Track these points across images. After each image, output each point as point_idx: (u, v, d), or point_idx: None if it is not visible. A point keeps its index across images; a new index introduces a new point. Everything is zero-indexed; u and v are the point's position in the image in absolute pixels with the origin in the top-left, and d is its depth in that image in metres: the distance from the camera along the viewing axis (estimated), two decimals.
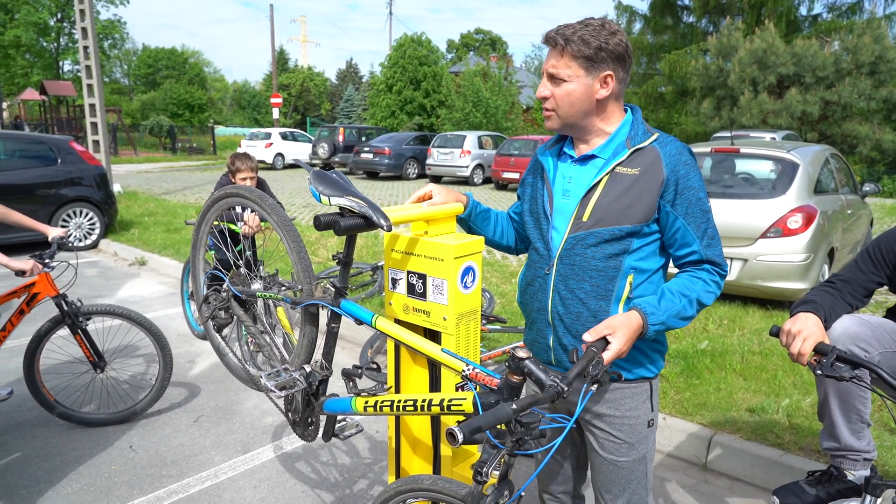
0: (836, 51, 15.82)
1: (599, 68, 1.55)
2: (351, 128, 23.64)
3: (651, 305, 1.53)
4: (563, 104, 1.59)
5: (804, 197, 5.31)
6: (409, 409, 1.61)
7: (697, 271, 1.62)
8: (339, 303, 1.82)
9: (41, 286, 3.25)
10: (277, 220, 1.84)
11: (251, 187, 2.00)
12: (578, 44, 1.53)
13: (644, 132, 1.62)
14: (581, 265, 1.63)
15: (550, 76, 1.59)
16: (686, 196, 1.57)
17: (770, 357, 4.24)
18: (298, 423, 2.09)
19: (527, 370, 1.34)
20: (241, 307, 2.24)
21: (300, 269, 1.85)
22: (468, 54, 52.11)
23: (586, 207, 1.60)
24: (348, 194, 1.66)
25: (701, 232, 1.59)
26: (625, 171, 1.58)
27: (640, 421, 1.71)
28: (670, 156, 1.57)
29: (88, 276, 7.05)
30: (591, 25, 1.55)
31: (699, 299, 1.58)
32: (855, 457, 2.03)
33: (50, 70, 38.69)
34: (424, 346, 1.61)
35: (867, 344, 1.83)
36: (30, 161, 8.07)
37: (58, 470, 3.07)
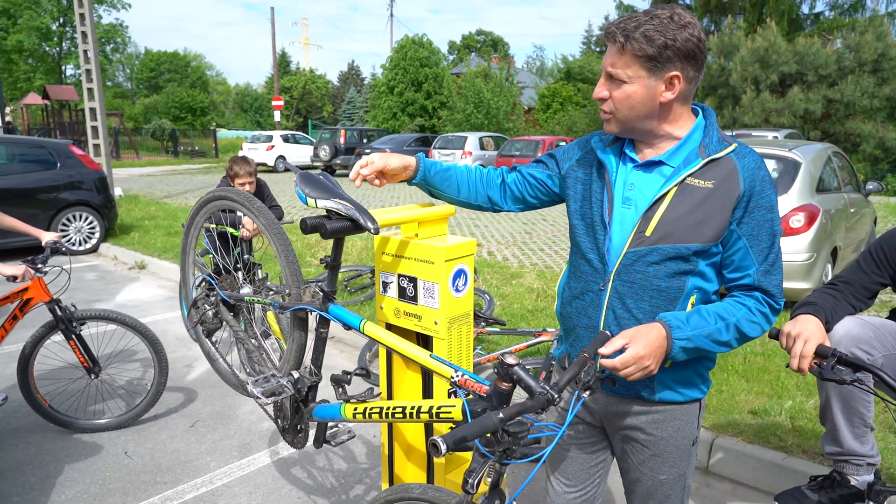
0: (838, 49, 15.77)
1: (665, 68, 1.37)
2: (352, 130, 23.65)
3: (677, 319, 1.38)
4: (622, 107, 1.42)
5: (806, 196, 5.26)
6: (398, 417, 1.57)
7: (744, 297, 1.44)
8: (327, 307, 1.78)
9: (34, 291, 3.22)
10: (265, 224, 1.82)
11: (239, 190, 1.98)
12: (641, 41, 1.35)
13: (719, 140, 1.45)
14: (641, 283, 1.46)
15: (609, 75, 1.43)
16: (755, 215, 1.41)
17: (773, 358, 4.20)
18: (288, 430, 2.06)
19: (516, 377, 1.29)
20: (231, 312, 2.20)
21: (288, 273, 1.82)
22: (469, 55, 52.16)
23: (651, 221, 1.43)
24: (335, 196, 1.62)
25: (762, 257, 1.42)
26: (697, 184, 1.41)
27: (686, 441, 1.59)
28: (749, 169, 1.41)
29: (87, 280, 7.03)
30: (658, 18, 1.36)
31: (738, 326, 1.41)
32: (858, 461, 1.98)
33: (52, 74, 38.84)
34: (413, 352, 1.57)
35: (870, 346, 1.79)
36: (29, 165, 8.07)
37: (52, 476, 3.04)
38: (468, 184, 1.72)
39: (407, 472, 1.98)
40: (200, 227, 2.19)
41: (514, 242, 9.07)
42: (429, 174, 1.70)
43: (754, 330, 1.42)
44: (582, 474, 1.73)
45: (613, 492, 2.94)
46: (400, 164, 1.65)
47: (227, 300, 2.18)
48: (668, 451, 1.58)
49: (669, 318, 1.38)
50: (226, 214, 4.33)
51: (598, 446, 1.70)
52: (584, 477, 1.73)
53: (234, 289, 2.28)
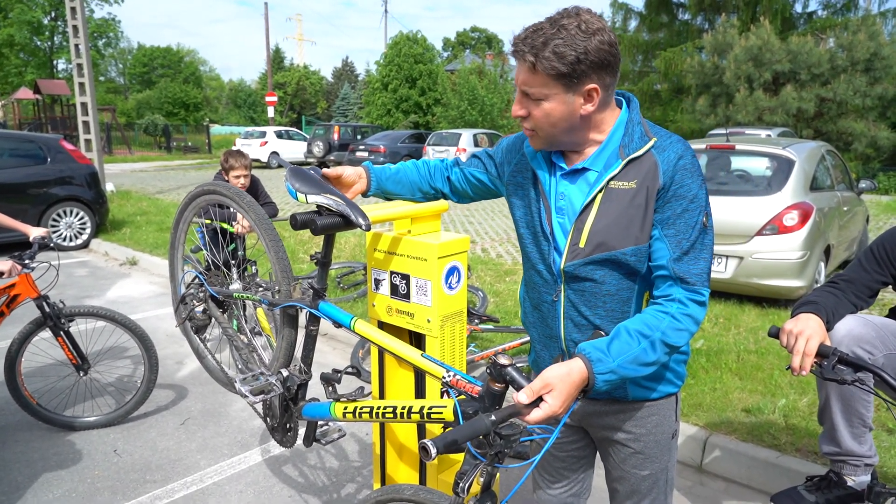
0: (831, 48, 15.80)
1: (581, 83, 1.31)
2: (346, 126, 23.58)
3: (598, 350, 1.29)
4: (543, 125, 1.37)
5: (800, 194, 5.26)
6: (388, 417, 1.55)
7: (666, 304, 1.36)
8: (317, 304, 1.75)
9: (21, 287, 3.17)
10: (255, 219, 1.79)
11: (229, 184, 1.94)
12: (552, 59, 1.27)
13: (641, 136, 1.39)
14: (591, 290, 1.44)
15: (524, 93, 1.37)
16: (672, 204, 1.36)
17: (766, 356, 4.19)
18: (277, 429, 2.04)
19: (508, 378, 1.26)
20: (220, 308, 2.17)
21: (278, 270, 1.80)
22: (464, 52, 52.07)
23: (582, 231, 1.40)
24: (326, 192, 1.59)
25: (675, 244, 1.36)
26: (620, 186, 1.37)
27: (665, 436, 1.59)
28: (668, 162, 1.36)
29: (78, 276, 6.96)
30: (566, 29, 1.28)
31: (665, 340, 1.33)
32: (856, 462, 1.97)
33: (44, 69, 38.49)
34: (404, 351, 1.55)
35: (871, 346, 1.77)
36: (19, 160, 7.98)
37: (39, 475, 2.99)
38: (419, 181, 1.74)
39: (399, 471, 1.95)
40: (189, 221, 2.16)
41: (507, 239, 9.04)
42: (381, 182, 1.72)
43: (681, 337, 1.36)
44: (564, 472, 1.74)
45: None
46: (353, 172, 1.69)
47: (216, 296, 2.15)
48: (648, 447, 1.58)
49: (589, 351, 1.29)
50: (220, 210, 4.28)
51: (577, 444, 1.71)
52: (567, 474, 1.74)
53: (223, 285, 2.25)
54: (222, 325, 2.13)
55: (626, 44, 21.24)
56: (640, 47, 21.37)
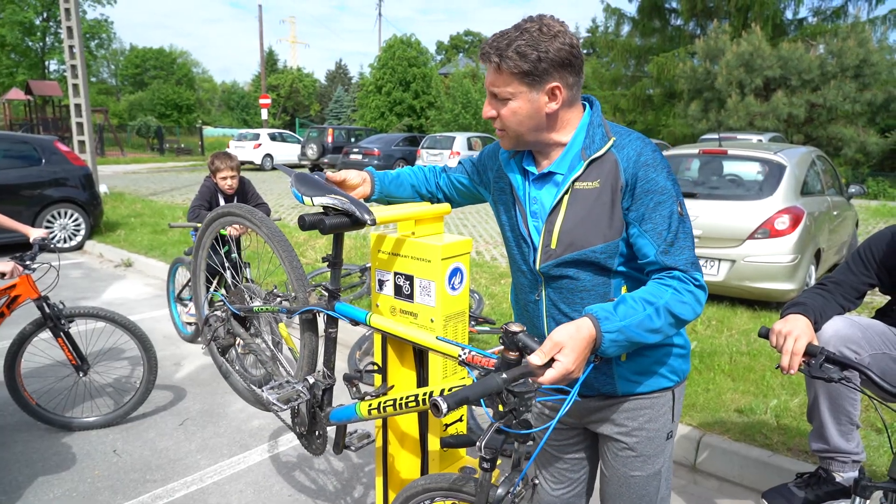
0: (821, 54, 15.97)
1: (543, 80, 1.39)
2: (340, 129, 23.57)
3: (605, 310, 1.33)
4: (511, 123, 1.45)
5: (791, 198, 5.34)
6: (412, 406, 1.59)
7: (667, 278, 1.40)
8: (333, 306, 1.80)
9: (22, 288, 3.19)
10: (268, 232, 1.84)
11: (240, 204, 2.01)
12: (514, 59, 1.36)
13: (602, 137, 1.45)
14: (569, 288, 1.50)
15: (493, 94, 1.45)
16: (643, 201, 1.40)
17: (758, 357, 4.26)
18: (306, 436, 2.06)
19: (521, 344, 1.26)
20: (241, 325, 2.22)
21: (294, 279, 1.84)
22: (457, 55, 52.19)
23: (552, 233, 1.47)
24: (330, 193, 1.63)
25: (658, 238, 1.40)
26: (585, 187, 1.44)
27: (659, 434, 1.59)
28: (628, 159, 1.41)
29: (73, 277, 6.95)
30: (528, 32, 1.37)
31: (670, 309, 1.35)
32: (844, 458, 2.03)
33: (35, 70, 38.27)
34: (418, 336, 1.60)
35: (857, 346, 1.83)
36: (13, 161, 7.96)
37: (39, 475, 3.01)
38: (418, 184, 1.84)
39: (401, 466, 1.99)
40: (208, 246, 2.25)
41: (501, 243, 9.09)
42: (385, 185, 1.80)
43: (686, 311, 1.37)
44: (565, 473, 1.76)
45: None
46: (357, 176, 1.76)
47: (238, 313, 2.20)
48: (640, 444, 1.58)
49: (596, 311, 1.33)
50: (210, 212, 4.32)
51: (578, 446, 1.73)
52: (568, 475, 1.77)
53: (242, 301, 2.30)
54: (247, 342, 2.18)
55: (618, 49, 21.39)
56: (633, 52, 21.53)
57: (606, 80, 22.13)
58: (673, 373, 1.58)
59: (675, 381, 1.59)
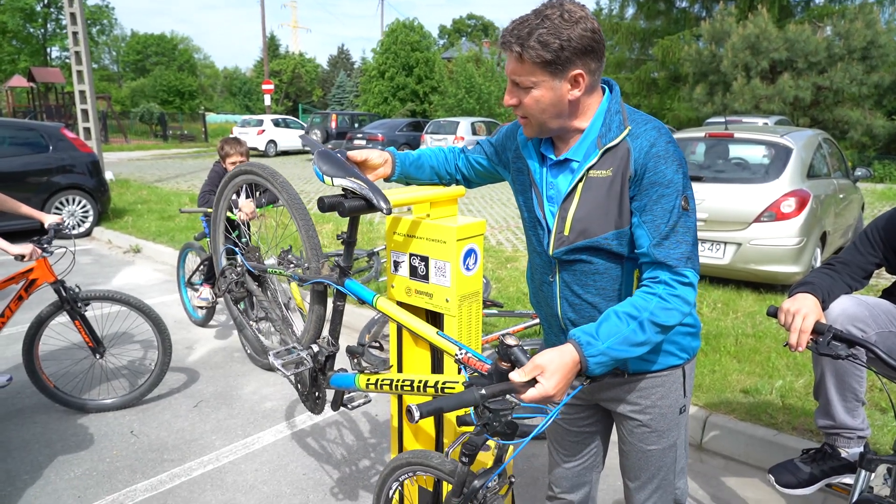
0: (828, 36, 15.84)
1: (566, 69, 1.37)
2: (344, 114, 23.52)
3: (587, 334, 1.34)
4: (534, 111, 1.44)
5: (797, 181, 5.35)
6: (406, 389, 1.64)
7: (653, 285, 1.40)
8: (343, 282, 1.85)
9: (39, 272, 3.24)
10: (287, 199, 1.87)
11: (264, 164, 2.03)
12: (537, 48, 1.34)
13: (619, 125, 1.45)
14: (581, 270, 1.52)
15: (514, 83, 1.44)
16: (648, 192, 1.40)
17: (763, 339, 4.30)
18: (307, 397, 2.16)
19: (513, 357, 1.30)
20: (256, 282, 2.32)
21: (308, 248, 1.87)
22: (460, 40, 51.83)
23: (566, 220, 1.48)
24: (350, 175, 1.65)
25: (654, 230, 1.39)
26: (598, 175, 1.44)
27: (672, 409, 1.62)
28: (640, 149, 1.41)
29: (83, 263, 7.01)
30: (549, 19, 1.34)
31: (654, 320, 1.35)
32: (849, 434, 2.07)
33: (37, 56, 38.21)
34: (421, 328, 1.63)
35: (864, 324, 1.86)
36: (21, 148, 7.99)
37: (59, 455, 3.08)
38: (438, 166, 1.84)
39: (416, 444, 2.04)
40: (229, 199, 2.30)
41: (507, 227, 9.13)
42: (405, 167, 1.80)
43: (672, 317, 1.38)
44: (576, 446, 1.81)
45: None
46: (379, 156, 1.76)
47: (252, 271, 2.28)
48: (654, 420, 1.62)
49: (578, 336, 1.34)
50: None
51: (589, 420, 1.77)
52: (579, 448, 1.81)
53: (259, 260, 2.36)
54: (258, 298, 2.27)
55: (623, 31, 21.20)
56: (638, 35, 21.34)
57: (611, 64, 21.94)
58: (683, 350, 1.60)
59: (685, 359, 1.61)
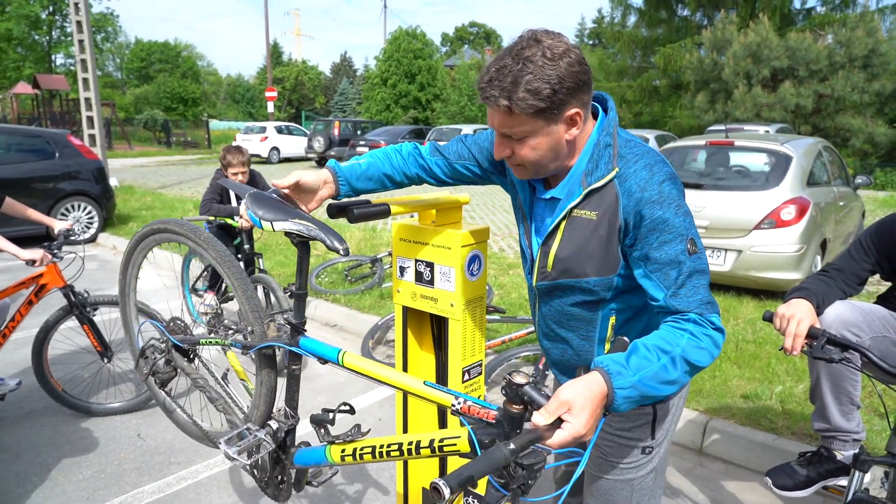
0: (829, 44, 15.93)
1: (562, 111, 1.26)
2: (346, 121, 23.64)
3: (617, 363, 1.18)
4: (531, 159, 1.33)
5: (797, 189, 5.40)
6: (394, 454, 1.43)
7: (682, 322, 1.27)
8: (297, 341, 1.63)
9: (49, 277, 3.30)
10: (215, 256, 1.69)
11: (181, 220, 1.83)
12: (527, 99, 1.22)
13: (607, 162, 1.33)
14: (558, 308, 1.48)
15: (505, 135, 1.33)
16: (648, 240, 1.28)
17: (763, 345, 4.34)
18: (269, 483, 1.83)
19: (527, 398, 1.12)
20: (185, 358, 2.03)
21: (248, 310, 1.69)
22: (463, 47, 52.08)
23: (548, 257, 1.42)
24: (292, 217, 1.48)
25: (666, 280, 1.28)
26: (583, 215, 1.36)
27: (633, 444, 1.51)
28: (630, 195, 1.29)
29: (88, 269, 7.07)
30: (532, 62, 1.21)
31: (686, 357, 1.23)
32: (844, 437, 2.11)
33: (42, 63, 38.45)
34: (403, 381, 1.42)
35: (858, 329, 1.91)
36: (27, 155, 8.08)
37: (67, 457, 3.13)
38: (392, 171, 1.66)
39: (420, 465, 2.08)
40: (139, 265, 2.03)
41: (509, 234, 9.18)
42: (352, 182, 1.63)
43: (703, 357, 1.24)
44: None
45: None
46: (316, 178, 1.58)
47: (181, 345, 1.99)
48: (610, 448, 1.53)
49: (607, 364, 1.18)
50: (224, 206, 4.39)
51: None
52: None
53: (185, 332, 2.07)
54: (191, 376, 1.98)
55: (625, 40, 21.35)
56: (639, 43, 21.49)
57: (612, 72, 22.11)
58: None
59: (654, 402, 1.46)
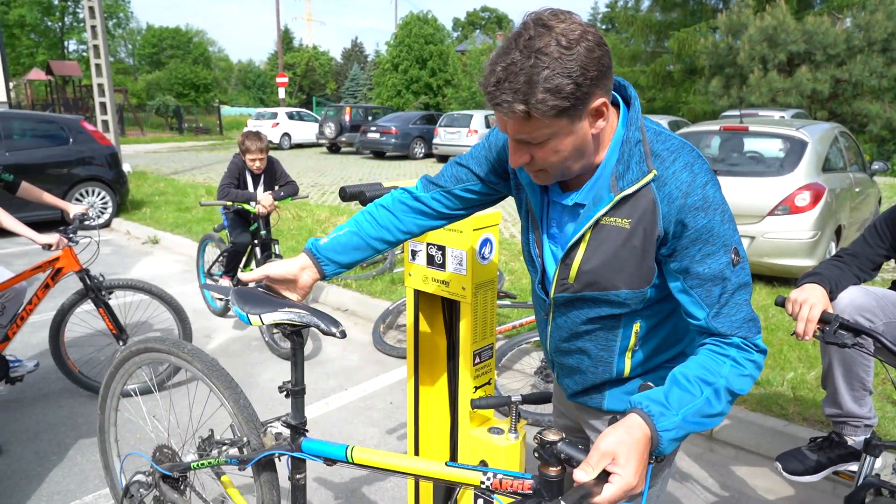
0: (847, 28, 15.66)
1: (587, 105, 1.07)
2: (357, 107, 23.61)
3: (658, 403, 1.07)
4: (554, 162, 1.15)
5: (812, 175, 5.34)
6: None
7: (724, 346, 1.16)
8: (299, 445, 1.48)
9: (65, 261, 3.34)
10: (202, 368, 1.62)
11: (164, 337, 1.76)
12: (549, 100, 1.03)
13: (639, 162, 1.16)
14: (576, 320, 1.32)
15: (521, 141, 1.14)
16: (689, 252, 1.14)
17: (776, 332, 4.32)
18: None
19: (564, 456, 1.03)
20: (175, 489, 1.83)
21: (242, 420, 1.59)
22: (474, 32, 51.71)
23: (571, 268, 1.25)
24: (282, 307, 1.39)
25: (708, 297, 1.15)
26: (613, 223, 1.18)
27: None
28: (670, 201, 1.13)
29: (103, 253, 7.14)
30: (547, 55, 1.01)
31: (730, 387, 1.12)
32: (856, 423, 2.10)
33: (55, 50, 38.68)
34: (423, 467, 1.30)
35: (872, 314, 1.89)
36: (42, 141, 8.14)
37: (84, 437, 3.19)
38: (383, 232, 1.46)
39: (432, 425, 2.10)
40: (118, 394, 1.91)
41: (519, 220, 9.16)
42: (336, 258, 1.44)
43: (746, 385, 1.15)
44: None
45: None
46: (288, 267, 1.42)
47: (170, 474, 1.80)
48: None
49: (647, 405, 1.07)
50: (241, 191, 4.42)
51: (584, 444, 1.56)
52: None
53: (173, 459, 1.86)
54: None
55: (638, 24, 21.08)
56: (653, 27, 21.20)
57: (626, 57, 21.85)
58: None
59: None
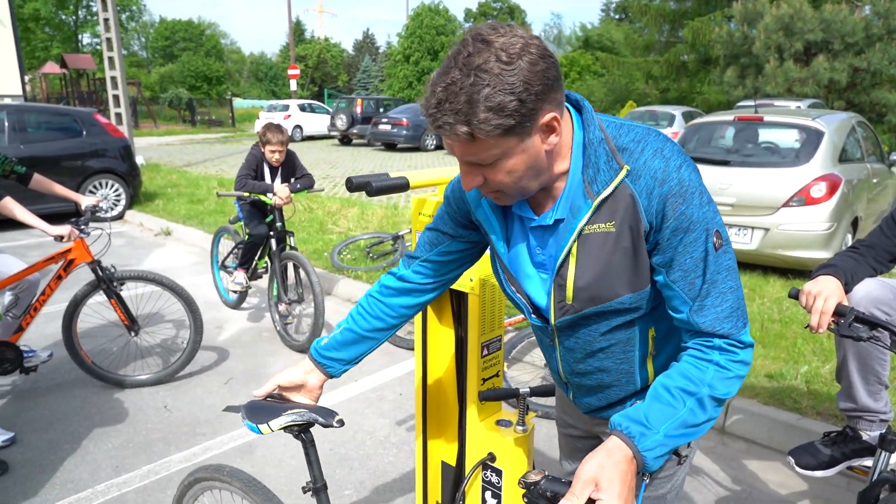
0: (866, 15, 15.37)
1: (535, 120, 1.02)
2: (369, 99, 23.57)
3: (637, 423, 1.06)
4: (509, 182, 1.09)
5: (828, 165, 5.26)
6: None
7: (707, 350, 1.12)
8: None
9: (77, 252, 3.36)
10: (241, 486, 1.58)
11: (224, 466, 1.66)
12: (491, 119, 0.98)
13: (607, 161, 1.10)
14: (587, 339, 1.24)
15: (470, 163, 1.09)
16: (670, 242, 1.09)
17: (790, 325, 4.26)
18: None
19: (549, 493, 1.04)
20: None
21: None
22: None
23: (566, 288, 1.17)
24: (286, 410, 1.43)
25: (690, 289, 1.10)
26: (596, 230, 1.12)
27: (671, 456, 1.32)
28: (648, 193, 1.08)
29: (116, 245, 7.21)
30: (487, 71, 0.97)
31: (714, 394, 1.09)
32: (871, 417, 2.07)
33: (69, 43, 38.97)
34: None
35: (888, 307, 1.86)
36: (56, 133, 8.21)
37: (97, 427, 3.22)
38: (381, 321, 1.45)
39: (440, 417, 2.09)
40: None
41: None
42: (338, 356, 1.46)
43: (732, 386, 1.11)
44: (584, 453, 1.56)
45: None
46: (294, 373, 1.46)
47: None
48: None
49: (626, 426, 1.06)
50: (258, 182, 4.41)
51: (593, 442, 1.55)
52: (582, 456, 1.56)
53: None
54: None
55: (652, 13, 20.86)
56: (667, 17, 20.97)
57: (639, 47, 21.66)
58: None
59: None
